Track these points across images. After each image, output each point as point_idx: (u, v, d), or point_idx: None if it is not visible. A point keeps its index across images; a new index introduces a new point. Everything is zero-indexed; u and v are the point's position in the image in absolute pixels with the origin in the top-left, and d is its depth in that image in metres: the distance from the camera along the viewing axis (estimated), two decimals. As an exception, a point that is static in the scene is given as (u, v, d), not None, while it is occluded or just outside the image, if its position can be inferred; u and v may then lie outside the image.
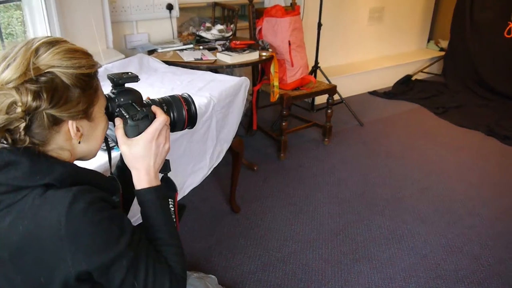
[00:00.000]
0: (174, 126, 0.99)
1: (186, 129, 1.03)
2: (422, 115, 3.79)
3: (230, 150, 2.07)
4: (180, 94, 1.02)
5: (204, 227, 2.24)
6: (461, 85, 4.34)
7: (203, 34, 2.79)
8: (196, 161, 1.76)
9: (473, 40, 4.23)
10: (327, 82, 3.35)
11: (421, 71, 4.70)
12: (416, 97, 4.14)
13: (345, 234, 2.22)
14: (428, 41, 5.14)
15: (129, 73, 0.92)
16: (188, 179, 1.74)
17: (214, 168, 1.87)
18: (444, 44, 4.84)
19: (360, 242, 2.16)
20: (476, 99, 4.09)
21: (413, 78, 4.58)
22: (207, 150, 1.81)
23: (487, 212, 2.43)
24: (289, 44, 2.84)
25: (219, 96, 1.80)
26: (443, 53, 4.78)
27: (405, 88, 4.34)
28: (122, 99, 0.90)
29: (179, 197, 1.68)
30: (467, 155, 3.10)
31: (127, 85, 0.92)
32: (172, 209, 0.95)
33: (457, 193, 2.61)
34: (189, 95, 1.01)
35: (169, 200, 0.95)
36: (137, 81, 0.92)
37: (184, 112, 0.98)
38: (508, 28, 3.76)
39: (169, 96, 1.00)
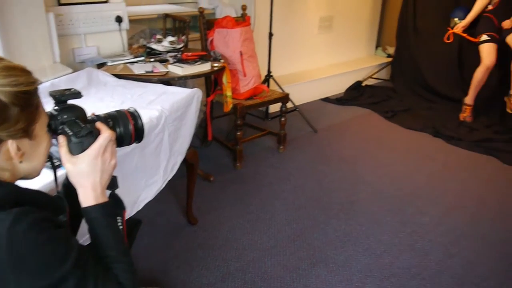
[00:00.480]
0: (121, 141, 0.98)
1: (135, 144, 1.03)
2: (373, 120, 3.92)
3: (185, 162, 2.07)
4: (126, 108, 1.01)
5: (161, 241, 2.21)
6: (408, 89, 4.52)
7: (154, 46, 2.77)
8: (149, 175, 1.75)
9: (417, 46, 4.43)
10: (280, 90, 3.41)
11: (371, 77, 4.86)
12: (366, 102, 4.28)
13: (302, 239, 2.25)
14: (376, 48, 5.33)
15: (72, 89, 0.91)
16: (142, 193, 1.72)
17: (170, 180, 1.85)
18: (391, 50, 5.04)
19: (317, 247, 2.20)
20: (423, 102, 4.28)
21: (363, 84, 4.73)
22: (160, 163, 1.80)
23: (435, 210, 2.54)
24: (241, 54, 2.87)
25: (170, 108, 1.79)
26: (390, 59, 4.97)
27: (356, 94, 4.48)
28: (65, 116, 0.89)
29: (133, 212, 1.66)
30: (415, 156, 3.24)
31: (70, 101, 0.91)
32: (121, 226, 0.94)
33: (408, 193, 2.71)
34: (135, 110, 1.01)
35: (118, 218, 0.94)
36: (80, 97, 0.91)
37: (131, 127, 0.98)
38: (447, 34, 3.96)
39: (115, 111, 1.00)
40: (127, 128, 0.98)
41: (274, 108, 3.73)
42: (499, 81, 3.80)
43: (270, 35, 3.49)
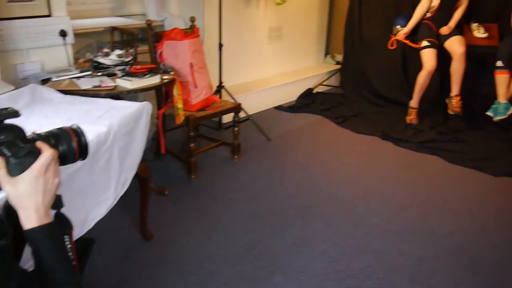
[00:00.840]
0: (64, 159, 0.96)
1: (81, 161, 1.01)
2: (324, 126, 4.01)
3: (137, 176, 2.03)
4: (69, 125, 0.99)
5: (116, 259, 2.15)
6: (357, 95, 4.66)
7: (101, 60, 2.72)
8: (99, 192, 1.71)
9: (363, 54, 4.60)
10: (232, 101, 3.43)
11: (321, 84, 4.98)
12: (318, 109, 4.38)
13: (260, 248, 2.26)
14: (325, 56, 5.48)
15: (9, 108, 0.88)
16: (92, 211, 1.67)
17: (122, 196, 1.82)
18: (340, 58, 5.20)
19: (275, 254, 2.22)
20: (372, 107, 4.42)
21: (314, 91, 4.84)
22: (111, 179, 1.76)
23: (387, 210, 2.63)
24: (191, 66, 2.87)
25: (119, 123, 1.76)
26: (339, 66, 5.12)
27: (307, 101, 4.57)
28: (2, 137, 0.86)
29: (84, 231, 1.62)
30: (366, 159, 3.34)
31: (8, 121, 0.88)
32: (69, 246, 0.91)
33: (360, 196, 2.79)
34: (78, 126, 0.99)
35: (65, 237, 0.92)
36: (18, 116, 0.88)
37: (74, 144, 0.96)
38: (391, 41, 4.13)
39: (57, 128, 0.97)
40: (70, 146, 0.95)
41: (228, 118, 3.74)
42: (440, 84, 4.00)
43: (220, 46, 3.52)
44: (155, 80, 2.50)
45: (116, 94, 2.37)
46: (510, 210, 2.68)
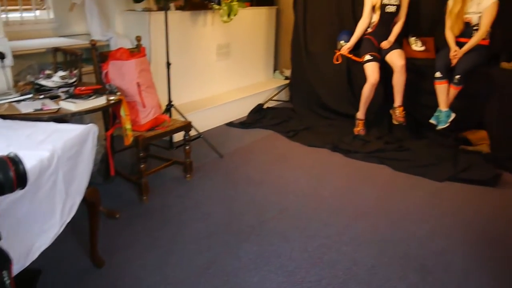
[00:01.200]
0: (2, 189, 0.92)
1: (20, 190, 0.96)
2: (276, 140, 4.06)
3: (85, 201, 1.97)
4: (6, 154, 0.95)
5: (65, 289, 2.06)
6: (306, 109, 4.76)
7: (43, 82, 2.63)
8: (44, 220, 1.63)
9: (310, 68, 4.71)
10: (182, 119, 3.40)
11: (271, 99, 5.06)
12: (269, 123, 4.43)
13: (215, 267, 2.24)
14: (274, 71, 5.58)
15: None
16: (37, 240, 1.59)
17: (70, 222, 1.75)
18: (288, 73, 5.30)
19: (231, 272, 2.20)
20: (321, 120, 4.53)
21: (264, 107, 4.90)
22: (56, 206, 1.69)
23: (339, 221, 2.68)
24: (138, 85, 2.83)
25: (63, 147, 1.71)
26: (287, 81, 5.23)
27: (258, 117, 4.61)
28: None
29: (28, 262, 1.53)
30: (318, 171, 3.40)
31: None
32: (8, 282, 0.86)
33: (313, 208, 2.83)
34: (16, 154, 0.95)
35: (3, 272, 0.87)
36: None
37: (11, 173, 0.92)
38: (336, 55, 4.27)
39: (-8, 157, 0.93)
40: (7, 175, 0.91)
41: (179, 136, 3.70)
42: (384, 96, 4.17)
43: (168, 64, 3.50)
44: (101, 101, 2.44)
45: (60, 117, 2.28)
46: (454, 213, 2.81)
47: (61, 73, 2.73)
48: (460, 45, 3.70)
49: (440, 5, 3.98)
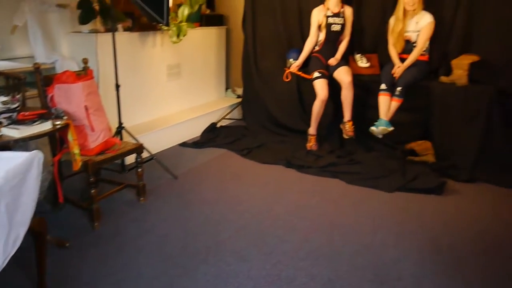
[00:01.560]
0: None
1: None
2: (230, 159, 4.06)
3: (31, 231, 1.88)
4: None
5: (11, 327, 1.94)
6: (259, 126, 4.81)
7: (-17, 108, 2.51)
8: (-15, 254, 1.54)
9: (261, 86, 4.78)
10: (134, 141, 3.34)
11: (224, 118, 5.07)
12: (222, 142, 4.43)
13: (172, 291, 2.19)
14: (226, 90, 5.61)
15: None
16: (-22, 277, 1.50)
17: (15, 255, 1.66)
18: (240, 91, 5.35)
19: (188, 295, 2.16)
20: (274, 137, 4.58)
21: (218, 125, 4.90)
22: (-2, 238, 1.60)
23: (295, 237, 2.70)
24: (86, 109, 2.76)
25: (6, 176, 1.63)
26: (240, 99, 5.27)
27: (212, 136, 4.61)
28: None
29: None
30: (272, 188, 3.43)
31: None
32: None
33: (269, 225, 2.84)
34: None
35: None
36: None
37: None
38: (285, 73, 4.37)
39: None
40: None
41: (131, 159, 3.63)
42: (334, 111, 4.29)
43: (117, 86, 3.44)
44: (46, 126, 2.36)
45: (3, 145, 2.19)
46: (405, 223, 2.91)
47: (2, 98, 2.61)
48: (402, 60, 3.91)
49: (382, 24, 4.19)
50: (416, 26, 3.85)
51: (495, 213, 3.07)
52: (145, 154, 3.19)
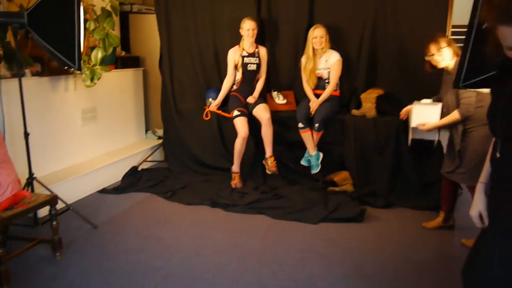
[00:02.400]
0: None
1: None
2: (153, 203, 3.94)
3: None
4: None
5: None
6: (182, 167, 4.75)
7: None
8: None
9: (182, 126, 4.76)
10: (47, 192, 3.13)
11: (145, 160, 4.94)
12: (145, 186, 4.30)
13: None
14: (146, 132, 5.50)
15: None
16: None
17: None
18: (161, 132, 5.27)
19: None
20: (198, 177, 4.54)
21: (139, 169, 4.76)
22: None
23: (225, 278, 2.65)
24: (-9, 161, 2.54)
25: None
26: (161, 140, 5.18)
27: (133, 180, 4.45)
28: None
29: None
30: (199, 229, 3.36)
31: None
32: None
33: (197, 268, 2.77)
34: None
35: None
36: None
37: None
38: (205, 112, 4.40)
39: None
40: None
41: (45, 211, 3.38)
42: (256, 148, 4.37)
43: (26, 134, 3.22)
44: None
45: None
46: (331, 253, 2.98)
47: None
48: (316, 96, 4.11)
49: (295, 63, 4.40)
50: (326, 64, 4.09)
51: (412, 235, 3.26)
52: (61, 205, 2.99)
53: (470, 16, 2.01)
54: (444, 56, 3.03)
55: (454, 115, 2.96)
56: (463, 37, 2.09)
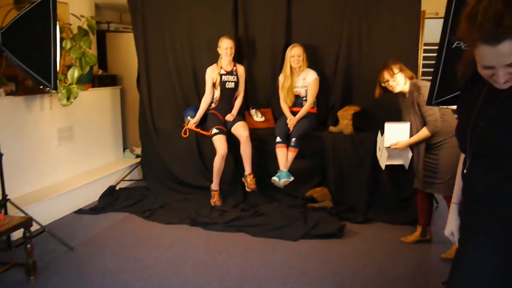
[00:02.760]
0: None
1: None
2: (132, 222, 3.88)
3: None
4: None
5: None
6: (161, 185, 4.70)
7: None
8: None
9: (160, 145, 4.73)
10: (22, 214, 3.05)
11: (123, 179, 4.88)
12: (123, 205, 4.23)
13: None
14: (124, 150, 5.43)
15: None
16: None
17: None
18: (139, 151, 5.22)
19: None
20: (177, 195, 4.50)
21: (117, 188, 4.69)
22: None
23: (205, 299, 2.62)
24: (-38, 183, 2.48)
25: None
26: (139, 159, 5.13)
27: (111, 199, 4.38)
28: None
29: None
30: (178, 249, 3.32)
31: None
32: None
33: (177, 290, 2.73)
34: None
35: None
36: None
37: None
38: (183, 129, 4.40)
39: None
40: None
41: (19, 233, 3.29)
42: (235, 165, 4.37)
43: (0, 155, 3.15)
44: None
45: None
46: (311, 270, 2.98)
47: None
48: (294, 113, 4.15)
49: (273, 80, 4.45)
50: (304, 82, 4.16)
51: (391, 250, 3.30)
52: (36, 227, 2.91)
53: (440, 35, 2.09)
54: (398, 81, 3.17)
55: (424, 132, 3.06)
56: (435, 54, 2.17)
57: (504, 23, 1.09)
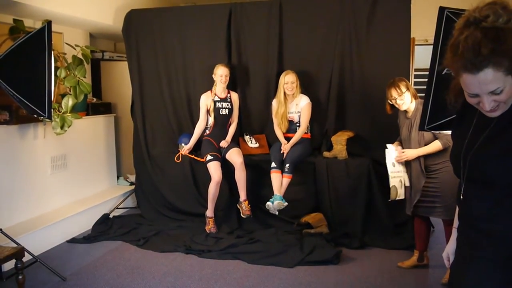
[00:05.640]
0: None
1: None
2: (126, 251, 3.83)
3: None
4: None
5: None
6: (155, 213, 4.66)
7: None
8: None
9: (154, 172, 4.71)
10: (13, 245, 3.00)
11: (117, 207, 4.84)
12: (117, 234, 4.18)
13: None
14: (118, 178, 5.40)
15: None
16: None
17: None
18: (133, 178, 5.19)
19: None
20: (171, 223, 4.46)
21: (110, 216, 4.64)
22: None
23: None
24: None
25: None
26: (133, 187, 5.09)
27: (104, 228, 4.33)
28: None
29: None
30: (173, 278, 3.27)
31: None
32: None
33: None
34: None
35: None
36: None
37: None
38: (177, 155, 4.41)
39: None
40: None
41: (11, 264, 3.23)
42: (230, 192, 4.36)
43: (-7, 185, 3.13)
44: None
45: None
46: (307, 297, 2.95)
47: None
48: (288, 139, 4.17)
49: (267, 106, 4.49)
50: (297, 107, 4.19)
51: (389, 275, 3.27)
52: (28, 257, 2.87)
53: (430, 63, 2.14)
54: (405, 100, 3.19)
55: (436, 144, 3.06)
56: (425, 79, 2.20)
57: (482, 52, 1.13)
